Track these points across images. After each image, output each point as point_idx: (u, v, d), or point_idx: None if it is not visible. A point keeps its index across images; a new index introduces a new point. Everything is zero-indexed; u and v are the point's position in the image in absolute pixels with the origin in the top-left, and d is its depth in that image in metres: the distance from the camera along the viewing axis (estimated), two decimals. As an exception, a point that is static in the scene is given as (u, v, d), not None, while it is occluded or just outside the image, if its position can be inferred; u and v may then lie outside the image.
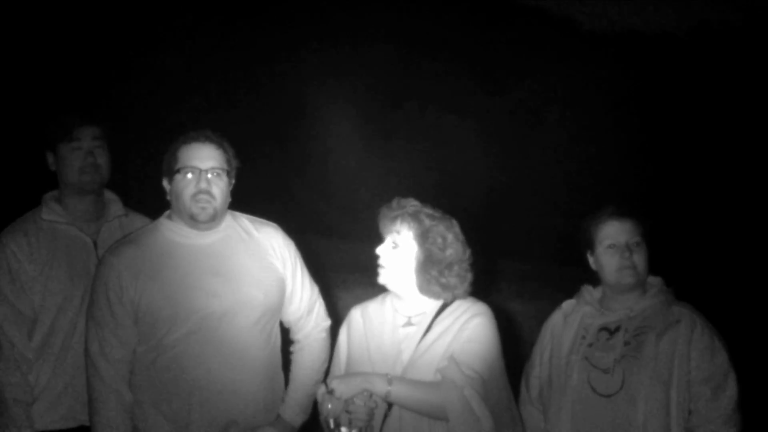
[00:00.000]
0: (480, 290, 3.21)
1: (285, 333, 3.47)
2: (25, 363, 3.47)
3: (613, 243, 3.27)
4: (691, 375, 3.15)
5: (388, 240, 3.12)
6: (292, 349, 3.48)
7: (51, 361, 3.50)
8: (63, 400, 3.51)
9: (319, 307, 3.50)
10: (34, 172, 3.81)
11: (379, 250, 3.14)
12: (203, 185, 3.17)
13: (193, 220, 3.20)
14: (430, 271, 3.09)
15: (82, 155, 3.58)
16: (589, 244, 3.34)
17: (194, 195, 3.17)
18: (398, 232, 3.10)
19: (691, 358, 3.16)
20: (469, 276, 3.15)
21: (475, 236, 3.28)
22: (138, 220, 3.75)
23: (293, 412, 3.32)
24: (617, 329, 3.25)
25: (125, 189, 3.81)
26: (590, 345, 3.26)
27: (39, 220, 3.58)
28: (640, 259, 3.26)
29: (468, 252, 3.16)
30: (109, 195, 3.74)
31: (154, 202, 3.58)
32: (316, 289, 3.50)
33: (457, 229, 3.16)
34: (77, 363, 3.47)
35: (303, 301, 3.42)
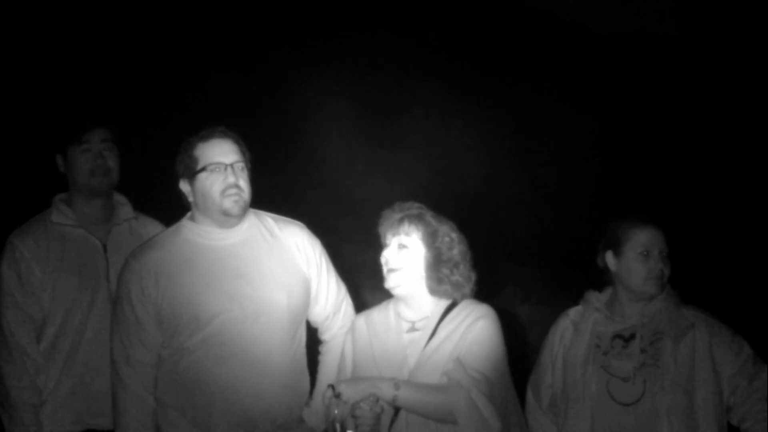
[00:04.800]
0: (486, 295, 3.22)
1: (312, 333, 3.45)
2: (34, 366, 3.47)
3: (646, 250, 3.24)
4: (722, 374, 3.16)
5: (394, 242, 3.12)
6: (319, 350, 3.46)
7: (59, 364, 3.50)
8: (71, 403, 3.51)
9: (347, 306, 3.47)
10: (44, 175, 3.83)
11: (387, 253, 3.13)
12: (231, 179, 3.16)
13: (225, 216, 3.18)
14: (442, 269, 3.10)
15: (92, 157, 3.59)
16: (615, 245, 3.30)
17: (224, 190, 3.15)
18: (406, 234, 3.11)
19: (715, 358, 3.17)
20: (473, 276, 3.17)
21: (481, 240, 3.29)
22: (148, 223, 3.76)
23: (318, 418, 3.28)
24: (632, 336, 3.24)
25: (136, 191, 3.82)
26: (605, 353, 3.25)
27: (48, 223, 3.58)
28: (667, 270, 3.26)
29: (470, 252, 3.18)
30: (119, 198, 3.75)
31: (161, 205, 3.59)
32: (343, 289, 3.48)
33: (457, 230, 3.18)
34: (86, 366, 3.50)
35: (329, 301, 3.40)
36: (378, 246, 3.21)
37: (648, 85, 14.51)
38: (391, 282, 3.12)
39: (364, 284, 3.78)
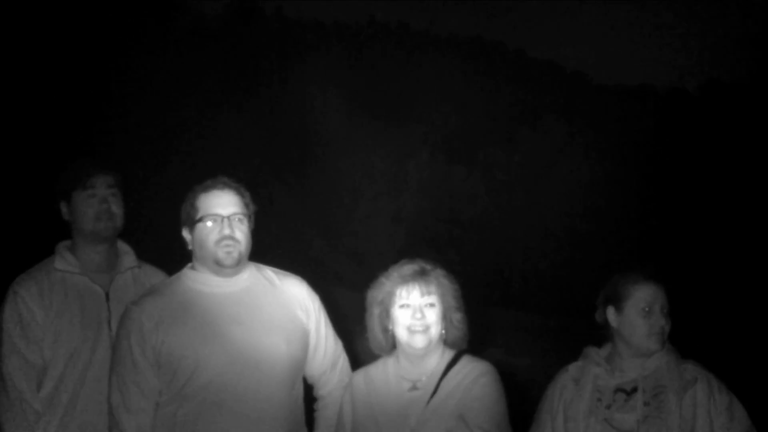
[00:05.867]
0: (487, 343, 3.23)
1: (308, 390, 3.44)
2: (33, 414, 3.43)
3: (648, 307, 3.24)
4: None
5: (423, 302, 3.10)
6: (315, 406, 3.45)
7: (59, 412, 3.46)
8: None
9: (344, 362, 3.48)
10: (48, 223, 3.84)
11: (418, 315, 3.10)
12: (227, 231, 3.20)
13: (218, 266, 3.21)
14: (456, 321, 3.14)
15: (97, 203, 3.59)
16: (617, 301, 3.31)
17: (218, 241, 3.19)
18: (430, 293, 3.11)
19: (711, 417, 3.16)
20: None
21: (482, 287, 3.31)
22: (152, 272, 3.76)
23: None
24: (634, 390, 3.25)
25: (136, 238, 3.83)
26: (608, 407, 3.25)
27: (51, 270, 3.58)
28: (668, 326, 3.26)
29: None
30: (123, 246, 3.75)
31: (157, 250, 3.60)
32: (340, 344, 3.48)
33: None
34: (86, 414, 3.46)
35: (327, 355, 3.41)
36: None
37: (649, 134, 14.59)
38: (422, 343, 3.10)
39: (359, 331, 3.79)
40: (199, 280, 3.26)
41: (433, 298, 3.10)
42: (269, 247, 3.52)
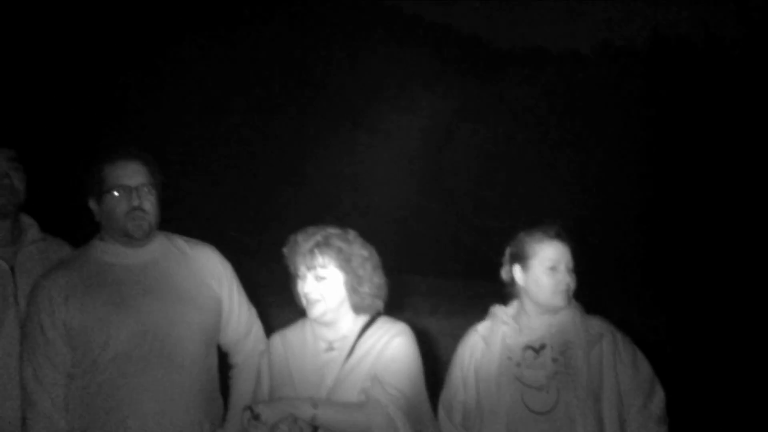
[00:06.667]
0: (393, 307, 3.27)
1: (223, 357, 3.45)
2: None
3: (554, 265, 3.31)
4: (621, 387, 3.26)
5: (311, 276, 3.12)
6: (230, 374, 3.46)
7: (-33, 389, 3.38)
8: None
9: (257, 329, 3.49)
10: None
11: (306, 287, 3.12)
12: (135, 202, 3.19)
13: (128, 238, 3.20)
14: (361, 289, 3.14)
15: None
16: (523, 259, 3.36)
17: (128, 213, 3.18)
18: (322, 266, 3.11)
19: (617, 371, 3.27)
20: (386, 282, 3.21)
21: (387, 253, 3.33)
22: (56, 244, 3.67)
23: None
24: (542, 347, 3.32)
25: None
26: (518, 365, 3.31)
27: None
28: (573, 284, 3.34)
29: (379, 258, 3.22)
30: (26, 219, 3.66)
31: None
32: (253, 311, 3.50)
33: (359, 238, 3.21)
34: (-2, 392, 3.40)
35: (240, 322, 3.41)
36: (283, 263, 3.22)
37: (550, 98, 14.83)
38: (316, 313, 3.13)
39: (271, 302, 3.79)
40: (107, 251, 3.24)
41: (323, 272, 3.10)
42: (180, 225, 3.50)
